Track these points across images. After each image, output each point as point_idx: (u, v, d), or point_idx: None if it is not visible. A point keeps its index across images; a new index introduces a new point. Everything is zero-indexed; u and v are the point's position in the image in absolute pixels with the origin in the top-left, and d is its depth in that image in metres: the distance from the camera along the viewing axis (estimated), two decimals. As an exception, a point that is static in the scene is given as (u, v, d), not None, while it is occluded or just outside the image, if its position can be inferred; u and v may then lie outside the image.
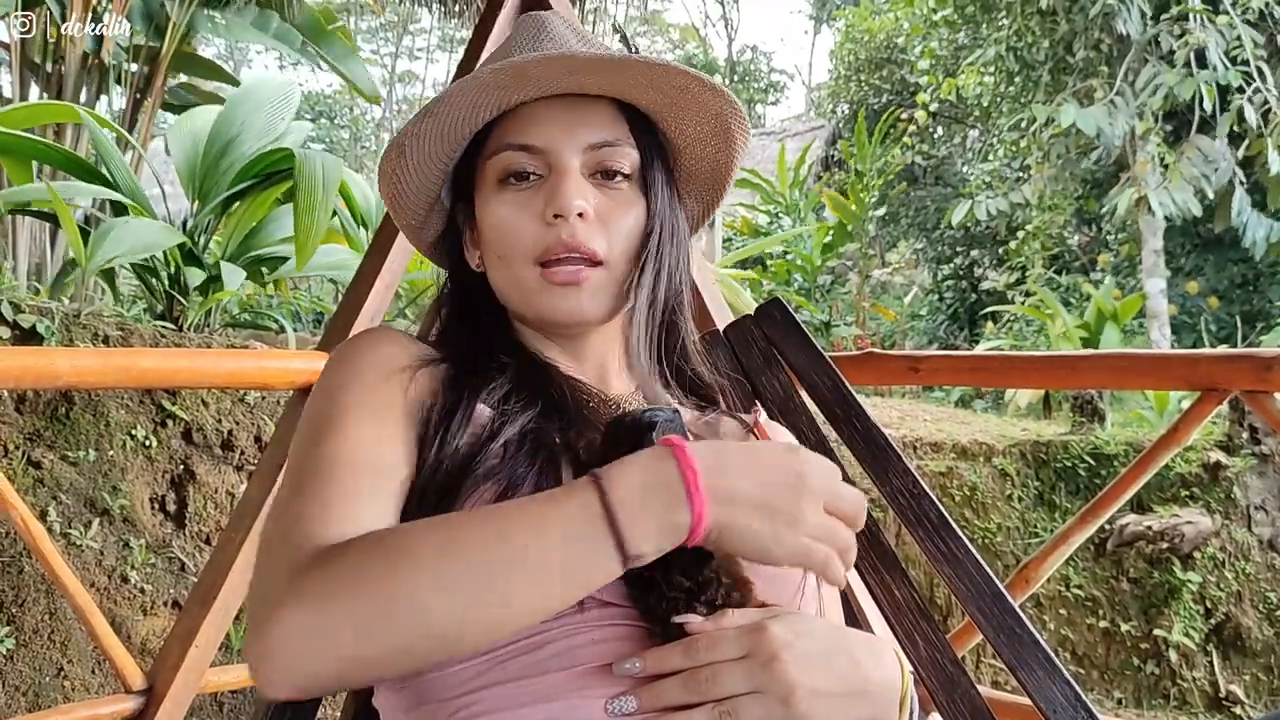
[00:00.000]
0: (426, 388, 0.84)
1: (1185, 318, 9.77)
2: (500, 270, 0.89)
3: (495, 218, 0.88)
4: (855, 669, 0.72)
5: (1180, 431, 1.89)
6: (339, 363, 0.85)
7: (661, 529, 0.66)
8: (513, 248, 0.87)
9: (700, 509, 0.65)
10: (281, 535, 0.70)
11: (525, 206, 0.86)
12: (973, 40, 10.37)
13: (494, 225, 0.88)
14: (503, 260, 0.88)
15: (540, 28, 0.92)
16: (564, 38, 0.91)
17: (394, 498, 0.75)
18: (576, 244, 0.84)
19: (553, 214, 0.84)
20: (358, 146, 20.53)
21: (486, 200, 0.89)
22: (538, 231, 0.85)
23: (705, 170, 0.99)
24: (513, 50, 0.90)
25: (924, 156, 12.20)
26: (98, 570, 2.68)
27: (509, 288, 0.90)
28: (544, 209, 0.85)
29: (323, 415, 0.79)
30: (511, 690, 0.72)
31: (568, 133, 0.86)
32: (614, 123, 0.89)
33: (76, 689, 2.49)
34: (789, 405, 1.27)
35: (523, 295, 0.88)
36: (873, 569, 1.20)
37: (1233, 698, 4.29)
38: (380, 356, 0.84)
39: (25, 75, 4.41)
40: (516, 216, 0.86)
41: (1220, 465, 4.65)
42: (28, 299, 2.98)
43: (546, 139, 0.86)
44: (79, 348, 2.79)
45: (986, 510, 4.86)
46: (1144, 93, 8.42)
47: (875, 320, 10.41)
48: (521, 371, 0.87)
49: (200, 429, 3.00)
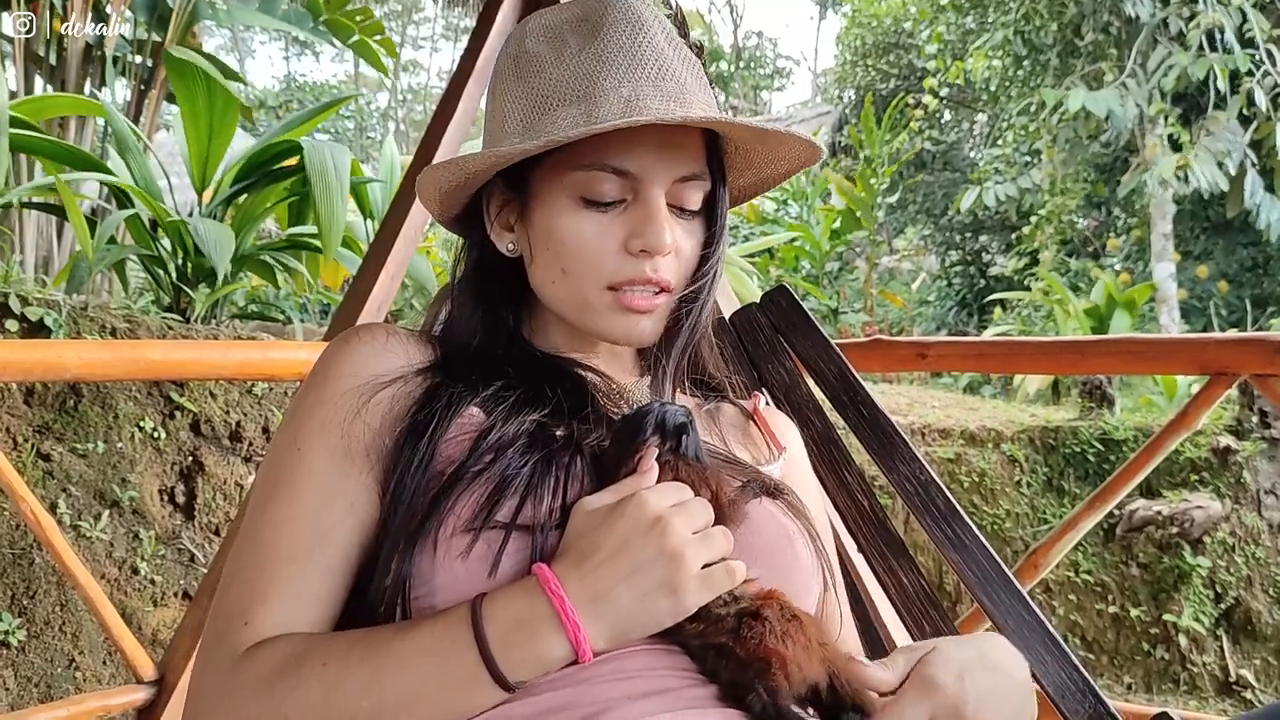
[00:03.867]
0: (405, 396, 0.83)
1: (1195, 302, 9.73)
2: (563, 282, 0.87)
3: (572, 235, 0.84)
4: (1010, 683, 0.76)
5: (1189, 416, 1.88)
6: (316, 377, 0.85)
7: (539, 660, 0.69)
8: (588, 268, 0.85)
9: (576, 635, 0.68)
10: (214, 628, 0.76)
11: (607, 231, 0.84)
12: (980, 24, 10.32)
13: (568, 242, 0.85)
14: (569, 275, 0.86)
15: (637, 30, 0.85)
16: (663, 53, 0.85)
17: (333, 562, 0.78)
18: (659, 279, 0.85)
19: (641, 248, 0.83)
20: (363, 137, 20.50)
21: (558, 210, 0.85)
22: (619, 260, 0.84)
23: (749, 185, 0.99)
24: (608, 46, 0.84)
25: (932, 142, 12.15)
26: (108, 562, 2.69)
27: (568, 300, 0.88)
28: (628, 239, 0.84)
29: (281, 462, 0.81)
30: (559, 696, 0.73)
31: (662, 162, 0.84)
32: (699, 154, 0.87)
33: (88, 679, 2.50)
34: (795, 393, 1.27)
35: (583, 312, 0.87)
36: (880, 557, 1.20)
37: (1243, 682, 4.28)
38: (350, 370, 0.83)
39: (29, 68, 4.41)
40: (597, 239, 0.84)
41: (1230, 449, 4.63)
42: (35, 292, 2.99)
43: (641, 167, 0.83)
44: (86, 340, 2.80)
45: (995, 496, 4.85)
46: (1156, 75, 8.36)
47: (883, 307, 10.38)
48: (524, 370, 0.86)
49: (208, 420, 3.01)
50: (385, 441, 0.80)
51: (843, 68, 14.01)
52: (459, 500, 0.75)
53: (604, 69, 0.83)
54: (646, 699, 0.71)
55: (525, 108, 0.85)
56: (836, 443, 1.24)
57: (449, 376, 0.84)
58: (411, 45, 25.18)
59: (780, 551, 0.83)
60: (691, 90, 0.85)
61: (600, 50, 0.84)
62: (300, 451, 0.80)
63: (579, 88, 0.83)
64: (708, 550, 0.71)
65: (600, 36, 0.85)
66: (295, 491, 0.79)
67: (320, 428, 0.81)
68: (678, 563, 0.69)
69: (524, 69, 0.87)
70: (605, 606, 0.69)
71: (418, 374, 0.85)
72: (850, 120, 13.09)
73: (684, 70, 0.86)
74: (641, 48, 0.84)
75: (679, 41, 0.89)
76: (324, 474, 0.79)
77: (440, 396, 0.82)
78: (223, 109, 3.53)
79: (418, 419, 0.80)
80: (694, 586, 0.70)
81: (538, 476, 0.76)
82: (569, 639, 0.68)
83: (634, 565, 0.69)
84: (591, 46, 0.84)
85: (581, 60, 0.84)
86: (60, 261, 4.19)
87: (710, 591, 0.71)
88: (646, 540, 0.69)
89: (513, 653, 0.68)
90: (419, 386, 0.84)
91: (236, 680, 0.72)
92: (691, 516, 0.72)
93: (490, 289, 0.92)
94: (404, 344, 0.87)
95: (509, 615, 0.69)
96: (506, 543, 0.73)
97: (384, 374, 0.83)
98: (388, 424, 0.81)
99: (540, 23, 0.89)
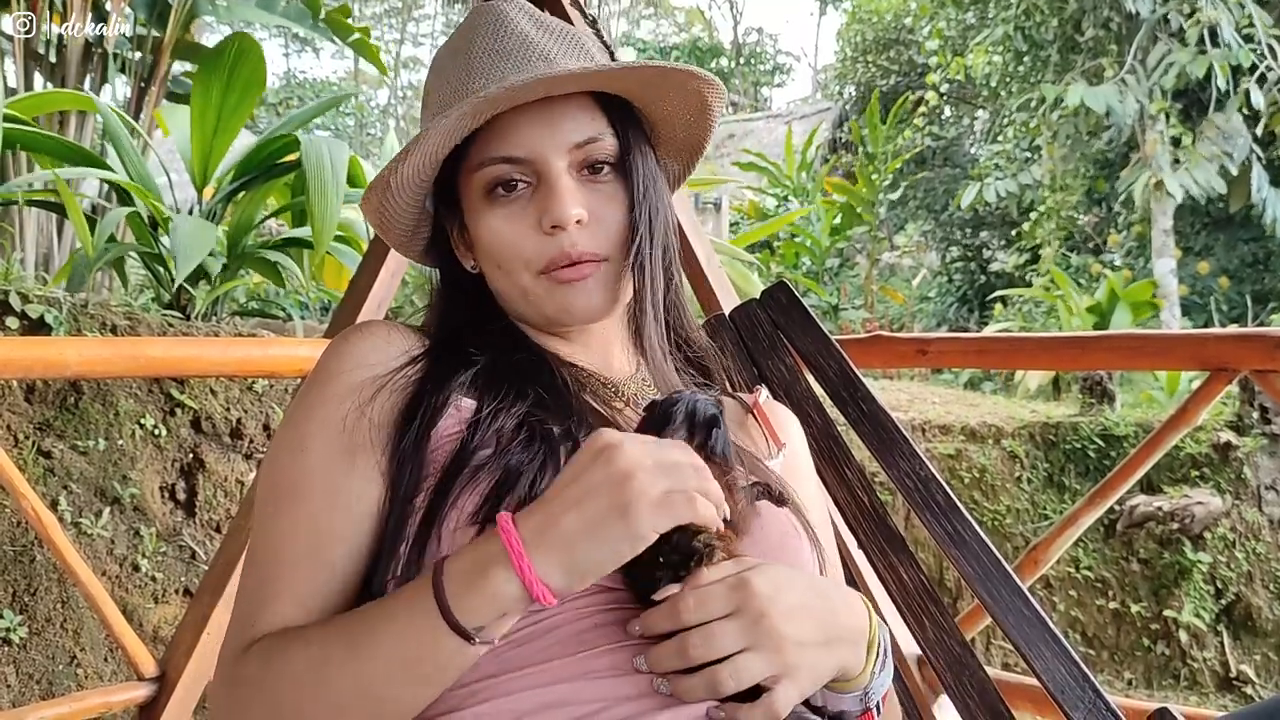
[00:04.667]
0: (404, 387, 0.83)
1: (1196, 298, 9.72)
2: (501, 279, 0.88)
3: (490, 231, 0.86)
4: (832, 617, 0.74)
5: (1190, 412, 1.88)
6: (317, 376, 0.85)
7: (492, 600, 0.67)
8: (513, 260, 0.86)
9: (522, 567, 0.66)
10: (227, 635, 0.79)
11: (519, 218, 0.85)
12: (980, 20, 10.31)
13: (490, 238, 0.86)
14: (503, 270, 0.87)
15: (500, 27, 0.88)
16: (527, 36, 0.88)
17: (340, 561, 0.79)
18: (579, 253, 0.84)
19: (550, 225, 0.84)
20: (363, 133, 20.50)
21: (478, 213, 0.87)
22: (537, 243, 0.85)
23: (683, 138, 0.98)
24: (474, 53, 0.87)
25: (933, 138, 12.14)
26: (109, 559, 2.69)
27: (512, 295, 0.89)
28: (540, 219, 0.84)
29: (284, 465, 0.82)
30: (517, 677, 0.72)
31: (550, 137, 0.84)
32: (593, 116, 0.87)
33: (90, 677, 2.51)
34: (795, 389, 1.27)
35: (529, 302, 0.88)
36: (880, 553, 1.20)
37: (1243, 678, 4.28)
38: (351, 368, 0.84)
39: (29, 65, 4.40)
40: (512, 229, 0.85)
41: (1230, 445, 4.63)
42: (35, 289, 2.99)
43: (529, 148, 0.84)
44: (87, 337, 2.80)
45: (995, 492, 4.86)
46: (1156, 71, 8.35)
47: (884, 303, 10.37)
48: (512, 362, 0.86)
49: (209, 417, 3.01)
50: (388, 434, 0.80)
51: (843, 64, 14.00)
52: (462, 494, 0.75)
53: (471, 73, 0.86)
54: (644, 699, 0.72)
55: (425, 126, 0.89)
56: (836, 439, 1.24)
57: (443, 363, 0.85)
58: (411, 42, 25.15)
59: (785, 554, 0.83)
60: (558, 57, 0.86)
61: (468, 59, 0.87)
62: (304, 453, 0.81)
63: (455, 95, 0.86)
64: (666, 477, 0.68)
65: (468, 48, 0.88)
66: (300, 494, 0.79)
67: (321, 428, 0.81)
68: (625, 483, 0.66)
69: (423, 102, 0.93)
70: (554, 536, 0.67)
71: (414, 363, 0.85)
72: (851, 116, 13.09)
73: (554, 45, 0.87)
74: (504, 42, 0.87)
75: (551, 24, 0.90)
76: (328, 474, 0.79)
77: (434, 384, 0.83)
78: (235, 105, 3.53)
79: (412, 407, 0.81)
80: (646, 508, 0.66)
81: (540, 469, 0.76)
82: (517, 574, 0.66)
83: (583, 492, 0.67)
84: (461, 59, 0.88)
85: (454, 73, 0.87)
86: (60, 259, 4.19)
87: (668, 517, 0.67)
88: (594, 466, 0.68)
89: (467, 597, 0.67)
90: (418, 375, 0.84)
91: (238, 673, 0.74)
92: (652, 446, 0.70)
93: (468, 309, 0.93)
94: (405, 338, 0.88)
95: (465, 562, 0.69)
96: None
97: (386, 368, 0.84)
98: (390, 417, 0.81)
99: (436, 57, 0.93)
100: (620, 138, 0.88)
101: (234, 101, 3.54)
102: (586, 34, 0.96)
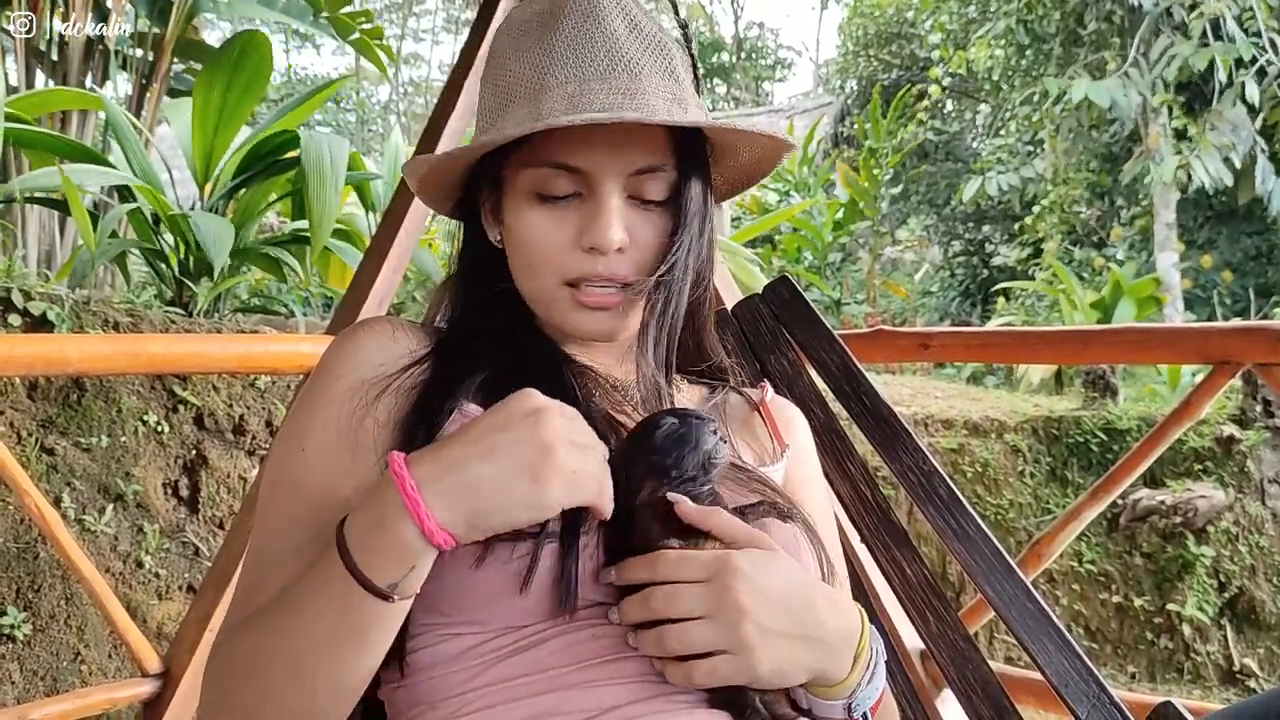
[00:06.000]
0: (410, 389, 0.82)
1: (1199, 291, 9.71)
2: (526, 279, 0.87)
3: (526, 231, 0.84)
4: (810, 614, 0.73)
5: (1193, 405, 1.87)
6: (320, 374, 0.84)
7: (395, 551, 0.66)
8: (543, 265, 0.84)
9: (424, 519, 0.65)
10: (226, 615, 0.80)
11: (559, 227, 0.83)
12: (982, 13, 10.29)
13: (523, 237, 0.84)
14: (530, 271, 0.85)
15: (590, 17, 0.83)
16: (616, 38, 0.83)
17: None
18: (612, 276, 0.83)
19: (589, 245, 0.81)
20: (365, 130, 20.48)
21: (517, 207, 0.84)
22: (571, 257, 0.83)
23: (740, 172, 0.96)
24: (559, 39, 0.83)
25: (935, 132, 12.12)
26: (112, 555, 2.70)
27: (534, 295, 0.87)
28: (579, 236, 0.82)
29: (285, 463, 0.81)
30: (508, 689, 0.72)
31: (614, 157, 0.81)
32: (661, 146, 0.83)
33: (93, 673, 2.51)
34: (797, 384, 1.27)
35: (548, 309, 0.87)
36: (884, 547, 1.20)
37: (1247, 671, 4.28)
38: (355, 366, 0.83)
39: (30, 64, 4.40)
40: (549, 236, 0.83)
41: (1233, 439, 4.63)
42: (38, 286, 3.00)
43: (592, 163, 0.81)
44: (89, 334, 2.80)
45: (998, 486, 4.85)
46: (1159, 64, 8.33)
47: (886, 298, 10.37)
48: (526, 363, 0.85)
49: (211, 414, 3.01)
50: (391, 436, 0.80)
51: (844, 58, 13.96)
52: None
53: (551, 64, 0.82)
54: (635, 704, 0.72)
55: (490, 104, 0.86)
56: (839, 433, 1.24)
57: (449, 368, 0.84)
58: (413, 38, 25.13)
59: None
60: (646, 81, 0.82)
61: (550, 45, 0.83)
62: (304, 452, 0.80)
63: (530, 85, 0.82)
64: (582, 457, 0.68)
65: (553, 30, 0.83)
66: (297, 492, 0.79)
67: (323, 428, 0.80)
68: (548, 452, 0.66)
69: (490, 65, 0.88)
70: (457, 480, 0.66)
71: (420, 364, 0.84)
72: (852, 111, 13.06)
73: (643, 57, 0.83)
74: (592, 39, 0.83)
75: (644, 27, 0.86)
76: (327, 474, 0.79)
77: (440, 389, 0.82)
78: (236, 101, 3.53)
79: (418, 412, 0.80)
80: (559, 482, 0.66)
81: None
82: (415, 521, 0.64)
83: (499, 443, 0.67)
84: (544, 41, 0.83)
85: (534, 55, 0.83)
86: (62, 256, 4.19)
87: (575, 494, 0.67)
88: (520, 424, 0.67)
89: (371, 553, 0.66)
90: (420, 378, 0.83)
91: (209, 667, 0.76)
92: (577, 423, 0.70)
93: (484, 279, 0.91)
94: (409, 336, 0.87)
95: (365, 516, 0.67)
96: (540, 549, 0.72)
97: (390, 367, 0.83)
98: (394, 418, 0.81)
99: (512, 16, 0.89)
100: (680, 170, 0.85)
101: (236, 98, 3.54)
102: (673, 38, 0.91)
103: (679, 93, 0.84)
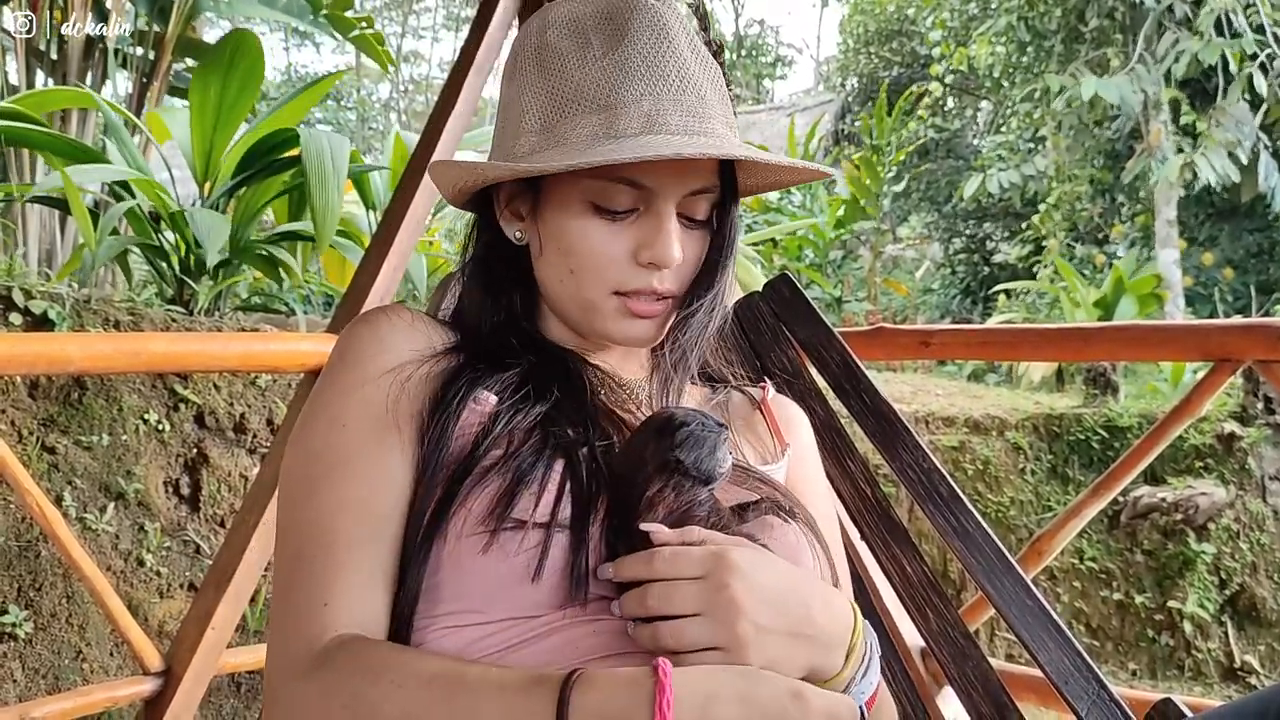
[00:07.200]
0: (430, 378, 0.83)
1: (1200, 289, 9.70)
2: (569, 283, 0.87)
3: (582, 240, 0.84)
4: (804, 611, 0.72)
5: (1193, 402, 1.88)
6: (340, 358, 0.84)
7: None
8: (595, 274, 0.85)
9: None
10: (286, 620, 0.74)
11: (617, 239, 0.84)
12: (983, 10, 10.28)
13: (577, 246, 0.85)
14: (576, 276, 0.86)
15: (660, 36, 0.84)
16: (685, 62, 0.84)
17: (391, 542, 0.77)
18: (663, 289, 0.85)
19: (649, 260, 0.83)
20: (365, 128, 20.47)
21: (570, 213, 0.84)
22: (627, 269, 0.84)
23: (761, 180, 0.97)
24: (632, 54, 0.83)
25: (936, 130, 12.11)
26: (114, 554, 2.70)
27: (573, 299, 0.88)
28: (638, 250, 0.84)
29: (326, 444, 0.79)
30: None
31: (678, 180, 0.83)
32: (713, 168, 0.86)
33: (95, 671, 2.51)
34: (798, 382, 1.26)
35: (586, 312, 0.87)
36: (884, 544, 1.19)
37: (1248, 668, 4.29)
38: (381, 350, 0.83)
39: (30, 63, 4.40)
40: (606, 247, 0.84)
41: (1234, 436, 4.63)
42: (38, 285, 3.00)
43: (657, 181, 0.82)
44: (90, 333, 2.80)
45: (999, 484, 4.86)
46: (1165, 60, 8.32)
47: (887, 295, 10.36)
48: (537, 360, 0.86)
49: (212, 412, 3.02)
50: (416, 423, 0.80)
51: (845, 55, 13.95)
52: (470, 495, 0.75)
53: (626, 79, 0.82)
54: None
55: (545, 106, 0.84)
56: (839, 431, 1.24)
57: (468, 360, 0.85)
58: (413, 35, 25.13)
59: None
60: (711, 104, 0.84)
61: (624, 58, 0.83)
62: (347, 429, 0.80)
63: (600, 96, 0.82)
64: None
65: (625, 41, 0.83)
66: (348, 471, 0.78)
67: (363, 406, 0.80)
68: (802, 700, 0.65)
69: (546, 63, 0.85)
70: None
71: (444, 355, 0.85)
72: (853, 108, 13.05)
73: (705, 80, 0.85)
74: (665, 57, 0.83)
75: (700, 47, 0.87)
76: (375, 452, 0.79)
77: (460, 380, 0.82)
78: (233, 100, 3.53)
79: (441, 402, 0.81)
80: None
81: (551, 473, 0.76)
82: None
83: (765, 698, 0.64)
84: (616, 52, 0.83)
85: (605, 65, 0.83)
86: (63, 255, 4.20)
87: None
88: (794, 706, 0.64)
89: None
90: (443, 368, 0.84)
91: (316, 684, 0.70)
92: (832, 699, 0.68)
93: (498, 274, 0.92)
94: (427, 326, 0.88)
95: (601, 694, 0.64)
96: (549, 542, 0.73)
97: (417, 352, 0.84)
98: (420, 406, 0.81)
99: (565, 14, 0.87)
100: (723, 189, 0.87)
101: (233, 97, 3.54)
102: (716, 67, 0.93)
103: (729, 117, 0.87)
